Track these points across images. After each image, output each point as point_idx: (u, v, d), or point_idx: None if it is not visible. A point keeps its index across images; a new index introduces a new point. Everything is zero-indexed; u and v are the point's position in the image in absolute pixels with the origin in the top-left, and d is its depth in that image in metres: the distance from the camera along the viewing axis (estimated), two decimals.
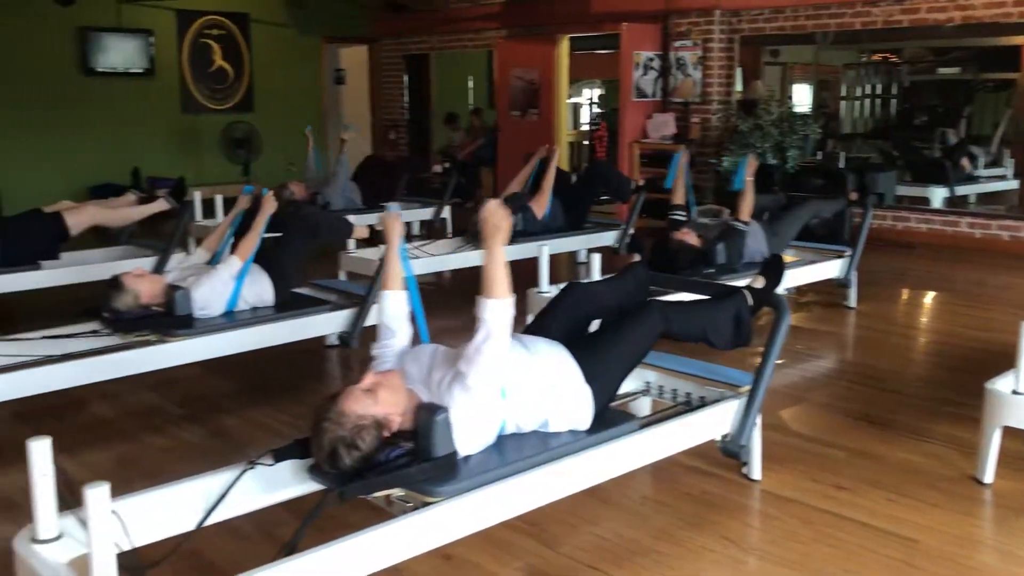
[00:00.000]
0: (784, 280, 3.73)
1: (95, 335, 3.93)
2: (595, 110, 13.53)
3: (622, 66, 9.18)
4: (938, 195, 8.49)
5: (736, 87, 9.21)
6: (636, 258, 4.76)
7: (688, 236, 5.08)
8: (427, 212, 7.87)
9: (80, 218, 5.38)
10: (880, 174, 8.24)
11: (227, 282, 4.16)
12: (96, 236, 5.99)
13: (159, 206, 5.84)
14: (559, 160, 7.30)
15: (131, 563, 2.02)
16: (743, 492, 3.15)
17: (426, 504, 2.28)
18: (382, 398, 2.37)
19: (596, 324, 3.12)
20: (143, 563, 2.10)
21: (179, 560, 2.28)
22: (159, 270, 5.07)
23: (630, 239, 6.67)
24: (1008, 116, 8.72)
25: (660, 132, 9.17)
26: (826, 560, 2.68)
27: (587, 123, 13.40)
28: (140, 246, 5.86)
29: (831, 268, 5.65)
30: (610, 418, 2.79)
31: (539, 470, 2.50)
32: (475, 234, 6.09)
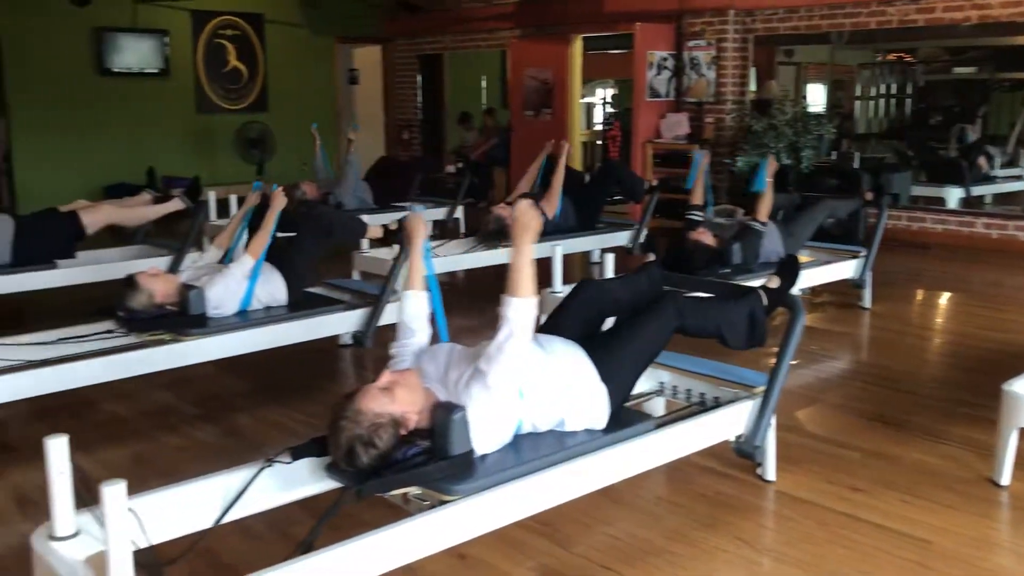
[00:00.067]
0: (799, 281, 3.72)
1: (110, 335, 3.95)
2: (608, 110, 13.51)
3: (636, 66, 9.17)
4: (954, 195, 8.44)
5: (750, 87, 9.18)
6: (650, 258, 4.75)
7: (704, 236, 5.07)
8: (440, 212, 7.88)
9: (96, 217, 5.41)
10: (895, 174, 8.20)
11: (240, 281, 4.18)
12: (112, 235, 6.03)
13: (174, 205, 5.87)
14: (572, 160, 7.30)
15: (148, 560, 2.03)
16: (757, 493, 3.14)
17: (443, 502, 2.29)
18: (399, 396, 2.37)
19: (609, 323, 3.12)
20: (160, 560, 2.11)
21: (195, 558, 2.29)
22: (174, 269, 5.09)
23: (645, 239, 6.66)
24: None
25: (673, 132, 9.15)
26: (840, 561, 2.67)
27: (600, 123, 13.38)
28: (155, 245, 5.89)
29: (846, 268, 5.63)
30: (626, 418, 2.79)
31: (556, 469, 2.50)
32: (487, 234, 6.10)
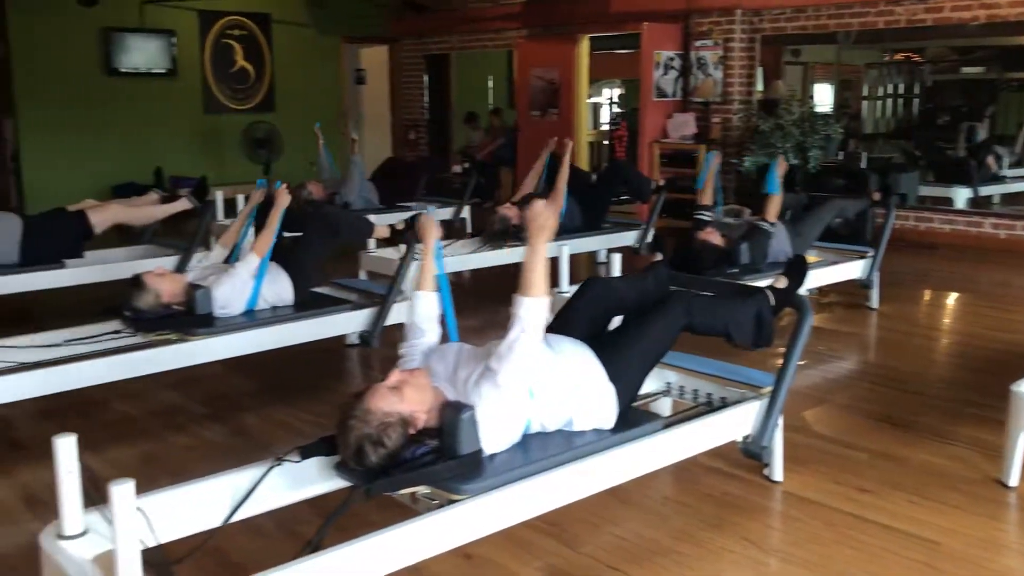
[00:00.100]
0: (806, 281, 3.72)
1: (117, 335, 3.96)
2: (615, 110, 13.50)
3: (642, 66, 9.16)
4: (961, 195, 8.42)
5: (757, 87, 9.17)
6: (657, 257, 4.75)
7: (712, 236, 5.07)
8: (447, 212, 7.88)
9: (103, 216, 5.42)
10: (903, 174, 8.19)
11: (246, 281, 4.18)
12: (119, 235, 6.04)
13: (181, 205, 5.89)
14: (578, 160, 7.29)
15: (156, 559, 2.04)
16: (764, 493, 3.14)
17: (452, 501, 2.29)
18: (408, 396, 2.38)
19: (615, 322, 3.12)
20: (168, 559, 2.11)
21: (203, 556, 2.29)
22: (181, 269, 5.11)
23: (653, 239, 6.65)
24: None
25: (680, 132, 9.15)
26: (848, 562, 2.66)
27: (607, 123, 13.38)
28: (162, 245, 5.91)
29: (853, 269, 5.62)
30: (634, 418, 2.79)
31: (564, 469, 2.50)
32: (492, 234, 6.10)
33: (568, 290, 4.38)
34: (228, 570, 2.63)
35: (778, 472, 3.20)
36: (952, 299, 6.35)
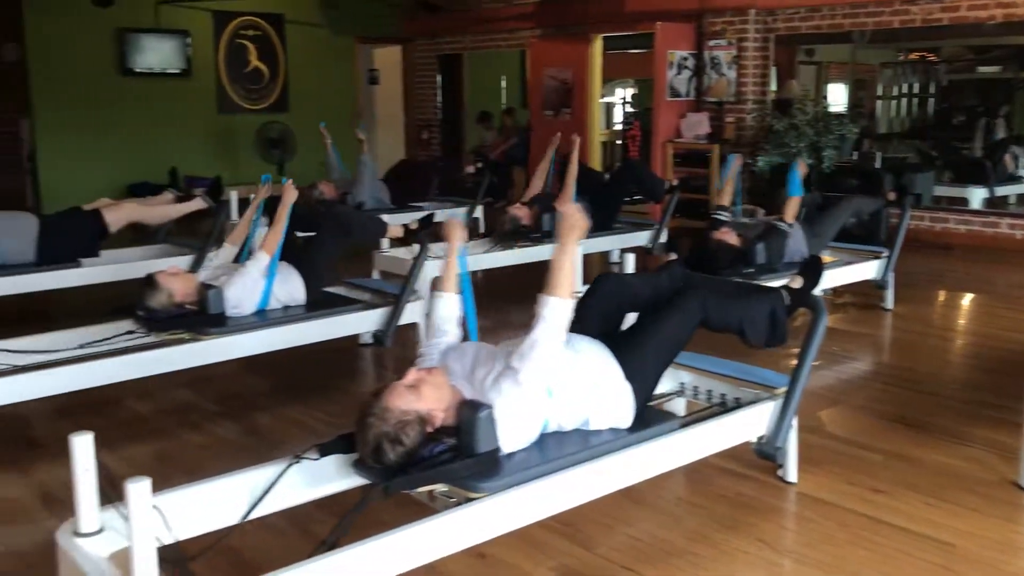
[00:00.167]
0: (822, 281, 3.70)
1: (130, 335, 3.98)
2: (628, 109, 13.48)
3: (656, 65, 9.15)
4: (977, 195, 8.36)
5: (771, 86, 9.14)
6: (671, 257, 4.74)
7: (728, 236, 5.06)
8: (460, 212, 7.87)
9: (118, 215, 5.45)
10: (918, 174, 8.14)
11: (257, 279, 4.17)
12: (134, 234, 6.07)
13: (196, 205, 5.91)
14: (590, 160, 7.28)
15: (173, 556, 2.05)
16: (778, 494, 3.13)
17: (469, 500, 2.30)
18: (425, 394, 2.38)
19: (629, 320, 3.11)
20: (184, 556, 2.12)
21: (218, 555, 2.30)
22: (195, 269, 5.12)
23: (667, 239, 6.64)
24: None
25: (694, 132, 9.13)
26: (862, 564, 2.65)
27: (620, 122, 13.36)
28: (177, 245, 5.93)
29: (868, 269, 5.60)
30: (650, 417, 2.79)
31: (581, 467, 2.50)
32: (503, 234, 6.10)
33: (581, 290, 4.36)
34: (243, 567, 2.64)
35: (792, 473, 3.19)
36: (967, 300, 6.31)
